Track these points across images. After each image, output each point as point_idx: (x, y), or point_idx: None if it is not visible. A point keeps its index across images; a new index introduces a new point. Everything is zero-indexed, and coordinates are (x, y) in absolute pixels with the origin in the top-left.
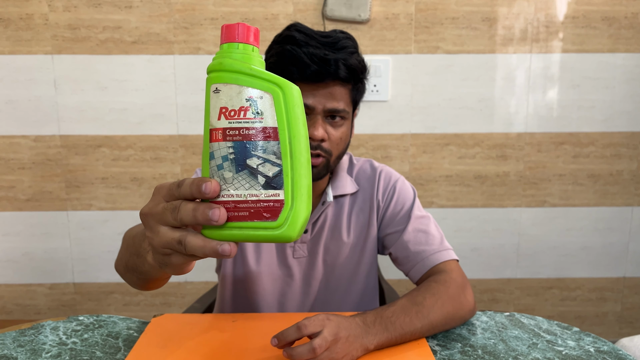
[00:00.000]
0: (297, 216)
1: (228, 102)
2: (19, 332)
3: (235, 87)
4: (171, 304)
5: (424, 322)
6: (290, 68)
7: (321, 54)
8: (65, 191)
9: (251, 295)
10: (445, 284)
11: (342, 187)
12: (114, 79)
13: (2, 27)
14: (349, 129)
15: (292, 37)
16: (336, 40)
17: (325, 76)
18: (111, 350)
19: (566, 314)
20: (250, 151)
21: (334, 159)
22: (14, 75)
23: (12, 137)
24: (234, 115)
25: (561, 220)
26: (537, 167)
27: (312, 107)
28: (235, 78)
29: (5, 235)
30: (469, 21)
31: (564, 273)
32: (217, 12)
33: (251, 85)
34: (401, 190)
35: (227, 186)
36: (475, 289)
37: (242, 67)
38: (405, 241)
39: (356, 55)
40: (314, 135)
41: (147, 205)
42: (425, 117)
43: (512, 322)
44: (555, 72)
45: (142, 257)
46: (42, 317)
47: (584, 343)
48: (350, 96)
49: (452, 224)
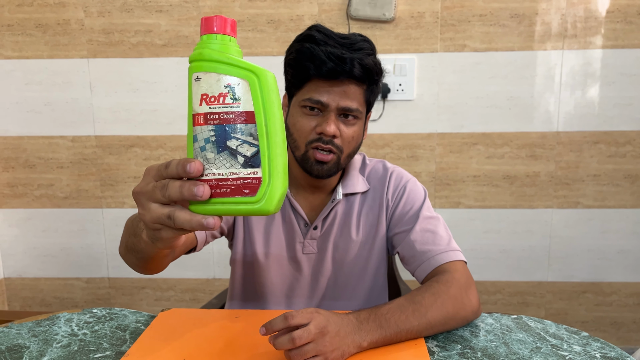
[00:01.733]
0: (274, 191)
1: (208, 89)
2: (35, 323)
3: (214, 75)
4: (200, 299)
5: (421, 320)
6: (307, 64)
7: (338, 53)
8: (100, 189)
9: (260, 288)
10: (447, 284)
11: (353, 186)
12: (145, 80)
13: (40, 33)
14: (362, 130)
15: (312, 36)
16: (354, 42)
17: (341, 74)
18: (117, 342)
19: (601, 320)
20: (229, 133)
21: (345, 157)
22: (52, 79)
23: (51, 137)
24: (214, 101)
25: (596, 223)
26: (569, 167)
27: (326, 103)
28: (214, 67)
29: (45, 231)
30: (497, 18)
31: (599, 277)
32: (244, 14)
33: (229, 73)
34: (411, 191)
35: (210, 166)
36: (504, 291)
37: (220, 57)
38: (412, 240)
39: (372, 56)
40: (326, 131)
41: (139, 185)
42: (452, 116)
43: (518, 325)
44: (589, 69)
45: (138, 236)
46: (79, 310)
47: (591, 348)
48: (364, 96)
49: (480, 225)
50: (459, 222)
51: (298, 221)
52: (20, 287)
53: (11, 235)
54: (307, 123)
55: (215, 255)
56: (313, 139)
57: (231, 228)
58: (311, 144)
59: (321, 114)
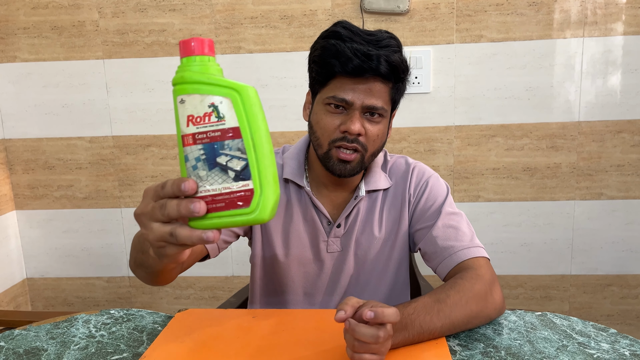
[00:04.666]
0: (267, 200)
1: (193, 110)
2: (53, 325)
3: (197, 96)
4: (219, 297)
5: (444, 321)
6: (332, 61)
7: (364, 50)
8: (119, 189)
9: (280, 287)
10: (471, 281)
11: (375, 183)
12: (160, 80)
13: (56, 35)
14: (386, 128)
15: (337, 33)
16: (380, 39)
17: (367, 71)
18: (135, 344)
19: (627, 313)
20: (218, 150)
21: (369, 155)
22: (68, 81)
23: (69, 138)
24: (199, 121)
25: (620, 214)
26: (591, 158)
27: (350, 102)
28: (197, 88)
29: (66, 232)
30: (514, 7)
31: (625, 269)
32: (257, 10)
33: (211, 93)
34: (433, 186)
35: (203, 183)
36: (526, 285)
37: (201, 78)
38: (434, 236)
39: (399, 54)
40: (351, 130)
41: (139, 207)
42: (469, 109)
43: (543, 323)
44: (610, 57)
45: (145, 252)
46: (100, 309)
47: (620, 346)
48: (389, 95)
49: (500, 218)
50: (478, 216)
51: (321, 220)
52: (42, 287)
53: (33, 237)
54: (331, 121)
55: (233, 253)
56: (337, 138)
57: (248, 230)
58: (335, 142)
59: (345, 112)
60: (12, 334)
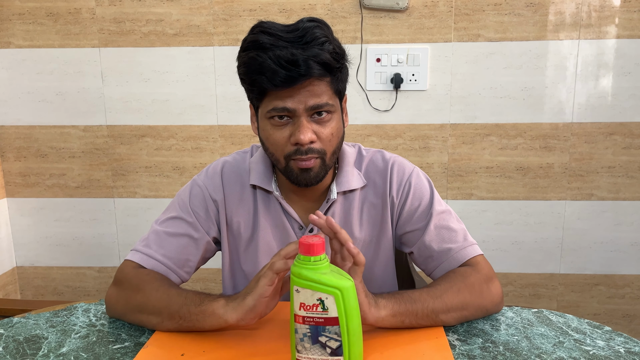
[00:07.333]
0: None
1: (305, 300)
2: (53, 313)
3: (309, 291)
4: (211, 289)
5: (436, 300)
6: (259, 78)
7: (288, 56)
8: (112, 179)
9: None
10: (464, 274)
11: (347, 183)
12: (156, 70)
13: (51, 22)
14: (340, 121)
15: (257, 42)
16: (303, 33)
17: (297, 79)
18: (136, 333)
19: (614, 312)
20: (320, 332)
21: (330, 155)
22: (63, 68)
23: (63, 127)
24: (309, 309)
25: (610, 215)
26: (583, 159)
27: (292, 109)
28: (309, 285)
29: (57, 220)
30: (512, 7)
31: (612, 269)
32: (256, 2)
33: (320, 290)
34: (417, 185)
35: (307, 352)
36: (515, 283)
37: (314, 277)
38: (428, 240)
39: (327, 45)
40: (301, 140)
41: None
42: (465, 107)
43: (540, 319)
44: (605, 59)
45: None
46: (92, 298)
47: (615, 343)
48: (332, 87)
49: (492, 216)
50: (471, 214)
51: (292, 225)
52: (32, 275)
53: (23, 225)
54: (280, 135)
55: None
56: (291, 152)
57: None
58: (290, 157)
59: (291, 121)
60: (11, 322)
